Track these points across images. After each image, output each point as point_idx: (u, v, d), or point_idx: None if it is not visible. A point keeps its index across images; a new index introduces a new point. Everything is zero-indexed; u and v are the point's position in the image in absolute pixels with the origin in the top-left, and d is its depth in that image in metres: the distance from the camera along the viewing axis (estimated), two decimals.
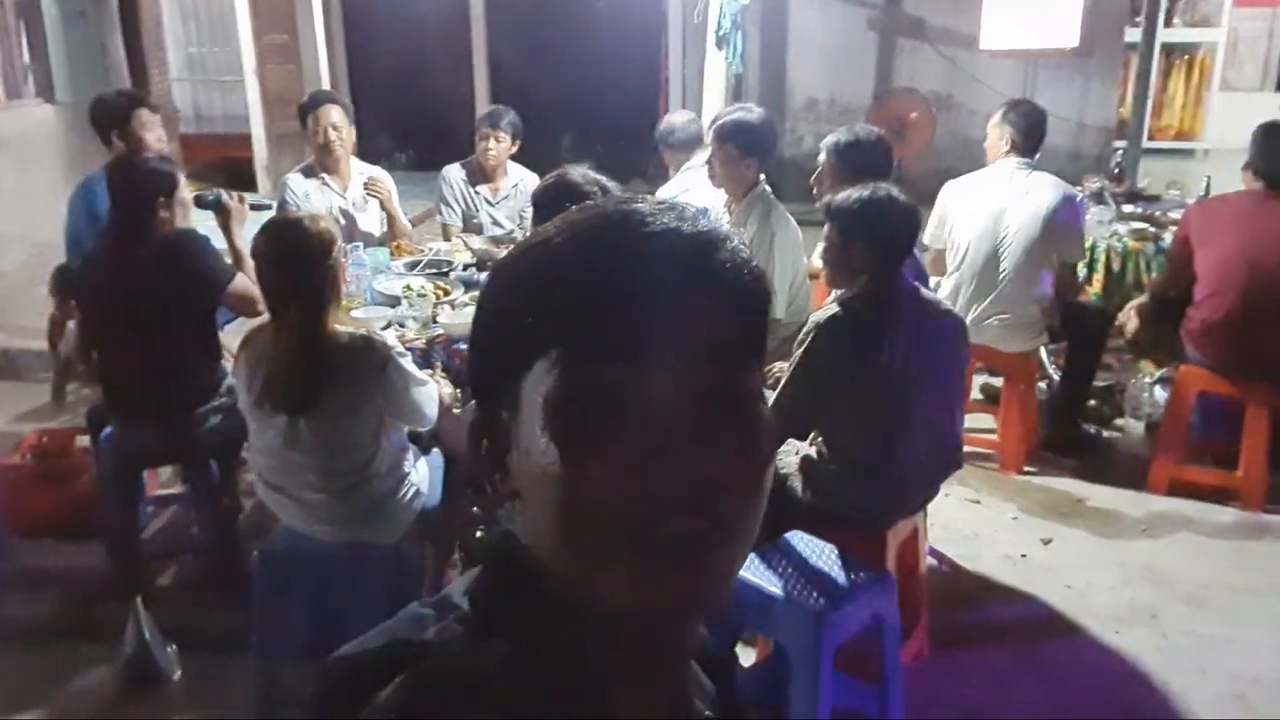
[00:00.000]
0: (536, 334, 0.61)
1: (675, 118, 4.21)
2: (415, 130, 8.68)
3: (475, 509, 3.25)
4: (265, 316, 2.59)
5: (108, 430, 3.10)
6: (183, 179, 3.07)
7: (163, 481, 3.73)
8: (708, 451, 0.58)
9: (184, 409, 3.00)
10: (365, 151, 4.37)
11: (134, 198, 2.97)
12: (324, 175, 4.02)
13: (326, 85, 6.59)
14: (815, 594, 2.31)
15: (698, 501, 0.58)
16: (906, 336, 2.50)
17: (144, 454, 3.10)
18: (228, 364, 3.17)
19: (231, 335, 3.42)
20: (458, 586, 0.69)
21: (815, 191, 3.28)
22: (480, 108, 8.89)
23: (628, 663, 0.64)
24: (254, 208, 3.39)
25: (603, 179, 2.29)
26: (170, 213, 2.97)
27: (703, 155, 3.58)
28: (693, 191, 3.64)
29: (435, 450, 2.88)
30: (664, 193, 3.75)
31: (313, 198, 3.90)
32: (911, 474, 2.58)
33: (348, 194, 4.05)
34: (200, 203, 3.21)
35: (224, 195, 3.27)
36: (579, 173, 2.28)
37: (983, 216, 3.82)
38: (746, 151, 3.27)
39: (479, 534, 3.23)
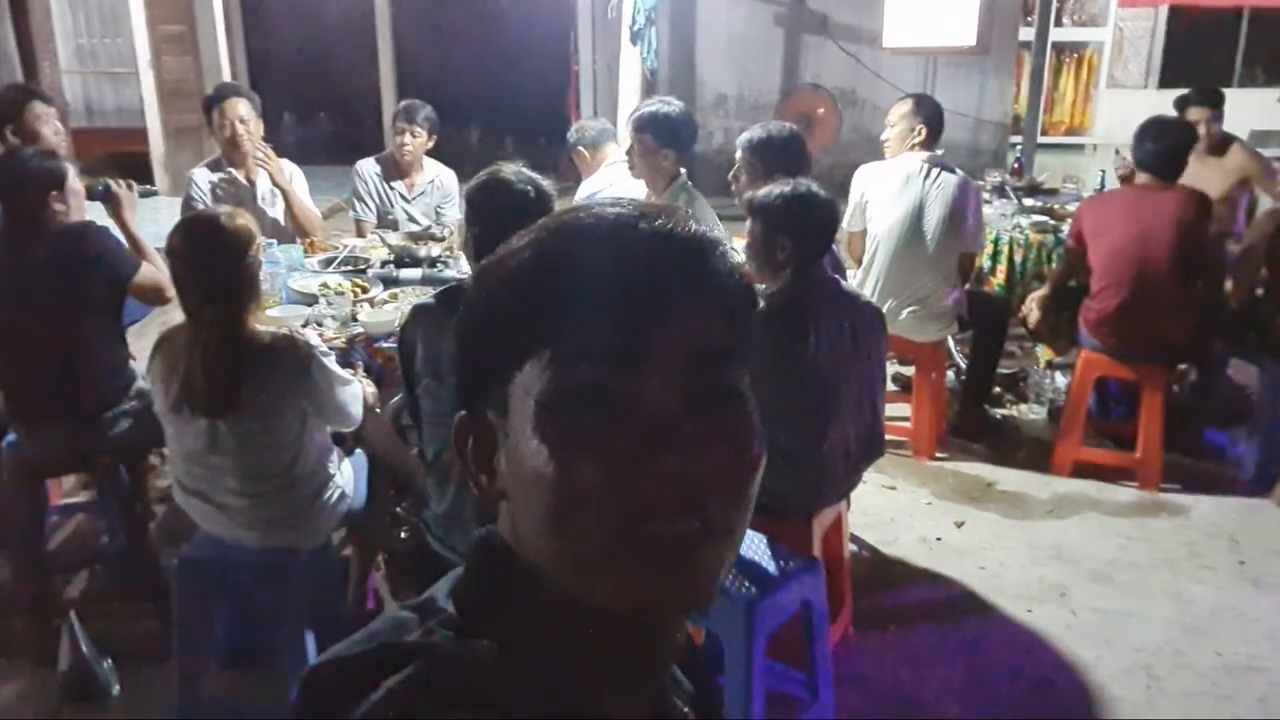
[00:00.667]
0: (528, 335, 0.62)
1: (583, 121, 4.23)
2: (319, 123, 8.49)
3: (399, 510, 3.22)
4: (180, 318, 2.51)
5: (10, 437, 2.96)
6: (72, 169, 2.94)
7: (66, 490, 3.58)
8: (697, 453, 0.59)
9: (91, 412, 2.89)
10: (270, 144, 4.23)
11: (24, 193, 2.84)
12: (231, 169, 3.91)
13: (227, 77, 6.39)
14: (746, 583, 2.35)
15: (687, 503, 0.59)
16: (829, 327, 2.56)
17: (49, 461, 2.96)
18: (136, 366, 3.07)
19: (136, 336, 3.31)
20: (440, 589, 0.68)
21: (733, 188, 3.33)
22: (387, 101, 8.76)
23: (615, 662, 0.65)
24: (143, 195, 3.28)
25: (537, 177, 2.28)
26: (64, 205, 2.86)
27: (622, 150, 3.59)
28: (615, 185, 3.66)
29: (359, 451, 2.83)
30: (588, 187, 3.75)
31: (219, 191, 3.78)
32: (837, 461, 2.64)
33: (257, 188, 3.95)
34: (90, 195, 3.10)
35: (112, 184, 3.16)
36: (512, 170, 2.26)
37: (894, 209, 3.92)
38: (663, 142, 3.30)
39: (403, 535, 3.20)
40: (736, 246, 2.86)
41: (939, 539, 3.55)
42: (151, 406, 2.56)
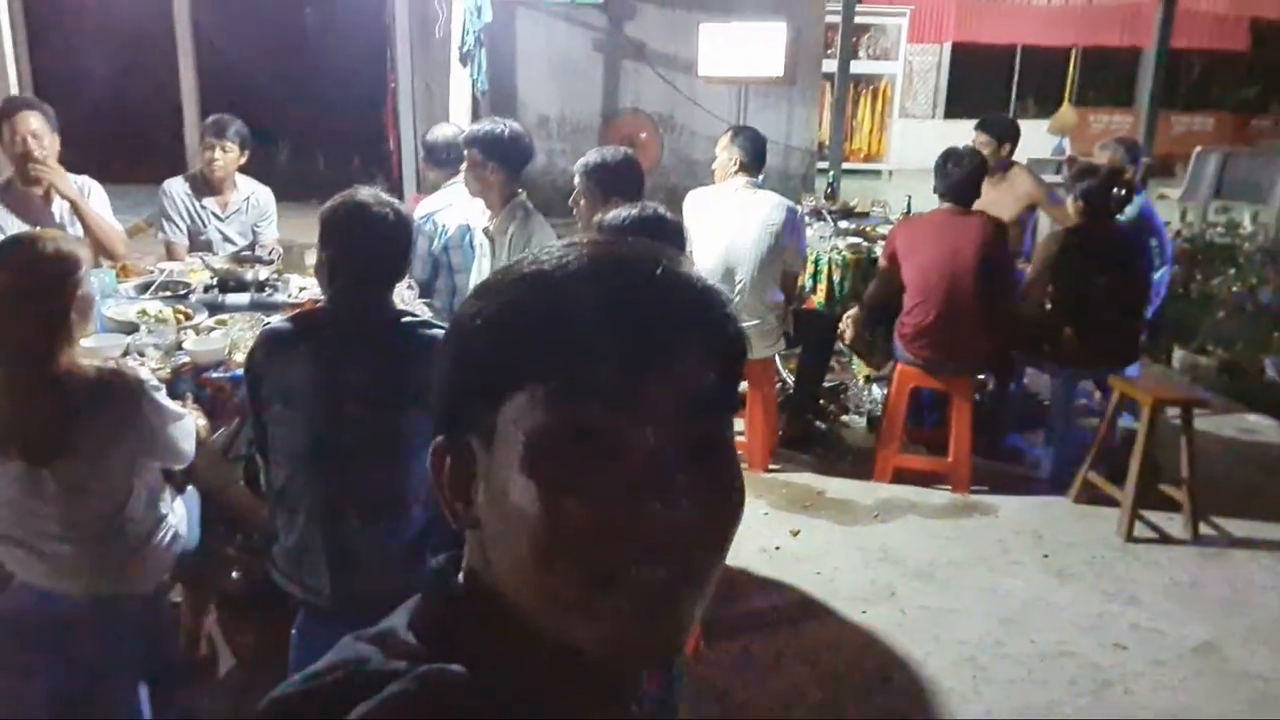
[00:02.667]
0: (523, 365, 0.61)
1: (443, 131, 4.12)
2: (113, 140, 7.96)
3: (231, 550, 3.05)
4: None
5: None
6: None
7: None
8: (685, 503, 0.59)
9: None
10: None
11: None
12: (24, 188, 3.61)
13: (14, 85, 5.89)
14: None
15: (669, 550, 0.59)
16: None
17: None
18: None
19: None
20: (397, 621, 0.66)
21: (574, 213, 3.36)
22: (189, 119, 8.30)
23: (582, 694, 0.65)
24: None
25: (395, 201, 2.22)
26: None
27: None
28: (455, 205, 3.61)
29: (191, 488, 2.67)
30: (426, 206, 3.69)
31: (12, 213, 3.48)
32: None
33: (54, 208, 3.66)
34: None
35: None
36: (369, 193, 2.20)
37: (720, 231, 4.05)
38: (488, 156, 3.30)
39: (234, 575, 3.03)
40: None
41: (777, 548, 3.69)
42: None
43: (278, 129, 8.29)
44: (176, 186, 4.15)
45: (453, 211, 3.57)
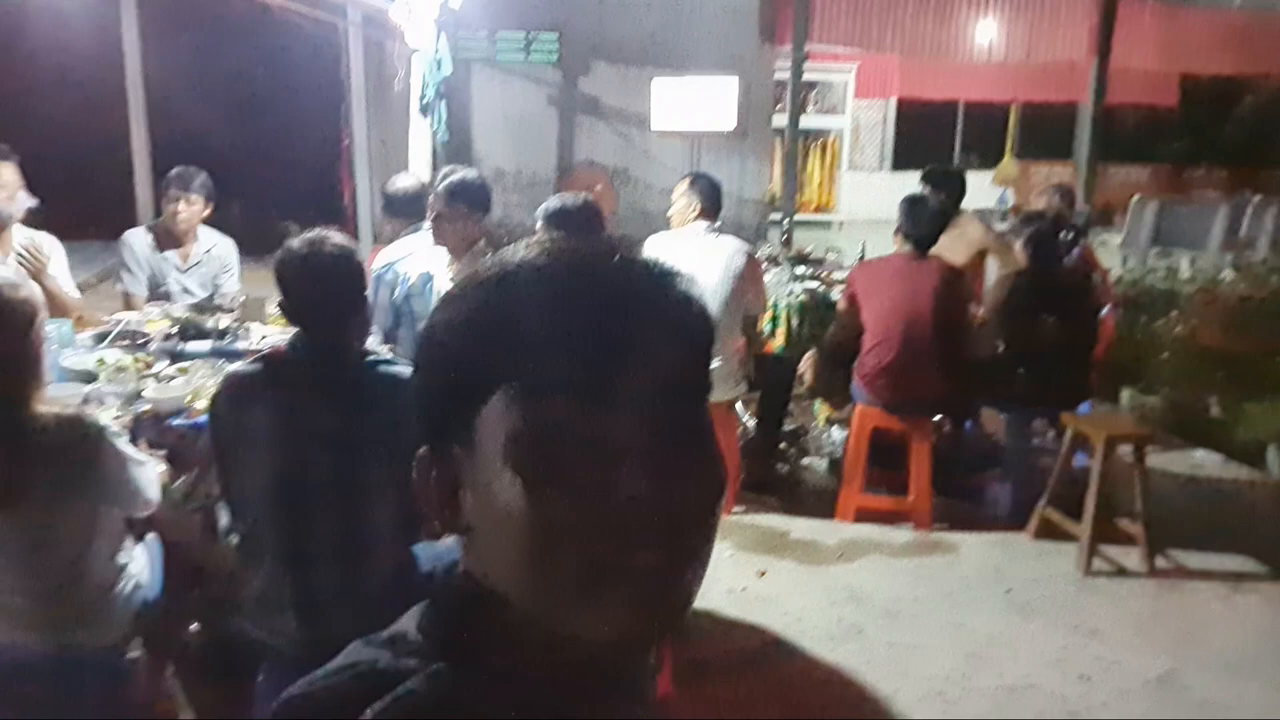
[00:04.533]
0: (496, 367, 0.62)
1: (403, 183, 4.14)
2: (60, 192, 7.86)
3: (191, 601, 2.98)
4: None
5: None
6: None
7: None
8: (668, 485, 0.61)
9: None
10: None
11: None
12: None
13: None
14: None
15: (660, 532, 0.61)
16: None
17: None
18: None
19: None
20: (407, 624, 0.68)
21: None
22: (140, 173, 8.24)
23: (587, 688, 0.65)
24: None
25: (340, 237, 2.24)
26: None
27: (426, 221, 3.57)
28: (415, 254, 3.62)
29: (151, 536, 2.62)
30: (386, 255, 3.70)
31: None
32: None
33: (8, 260, 3.60)
34: None
35: None
36: (317, 234, 2.22)
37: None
38: (474, 207, 3.35)
39: (194, 627, 2.97)
40: None
41: (744, 589, 3.68)
42: None
43: (231, 184, 8.23)
44: (137, 238, 4.12)
45: (413, 260, 3.59)
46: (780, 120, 8.96)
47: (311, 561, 2.13)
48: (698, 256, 4.11)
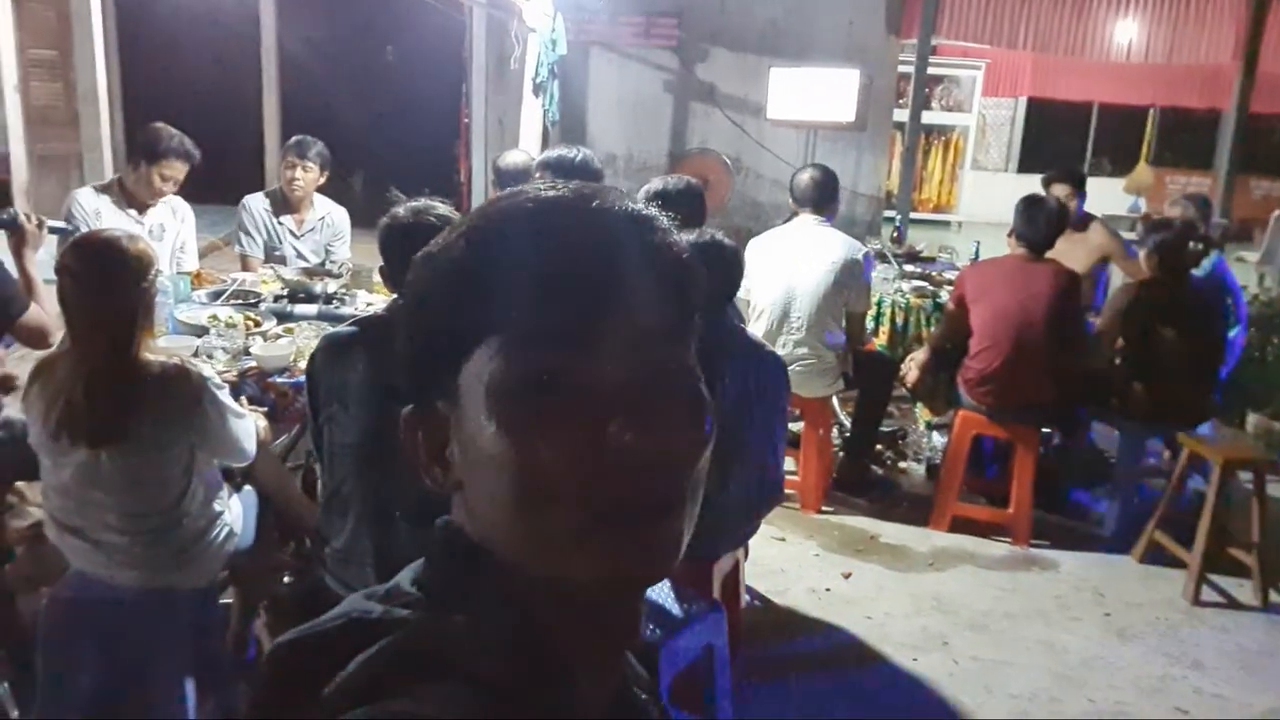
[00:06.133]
0: (476, 322, 0.61)
1: (514, 158, 4.19)
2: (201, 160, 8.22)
3: (285, 555, 3.08)
4: (58, 345, 2.38)
5: None
6: None
7: None
8: (653, 429, 0.59)
9: None
10: None
11: None
12: (125, 202, 3.74)
13: (104, 106, 6.13)
14: (651, 625, 2.34)
15: (646, 478, 0.60)
16: (735, 374, 2.61)
17: None
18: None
19: (19, 360, 3.10)
20: (403, 577, 0.67)
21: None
22: (270, 143, 8.56)
23: (579, 639, 0.65)
24: (53, 231, 3.08)
25: (442, 208, 2.27)
26: None
27: None
28: None
29: (248, 488, 2.71)
30: None
31: (104, 216, 3.61)
32: (739, 507, 2.67)
33: (145, 219, 3.78)
34: None
35: (21, 215, 2.96)
36: (423, 204, 2.25)
37: (782, 267, 4.04)
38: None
39: (286, 580, 3.06)
40: None
41: (828, 589, 3.62)
42: (15, 436, 2.40)
43: (354, 159, 8.50)
44: (256, 202, 4.27)
45: None
46: (901, 115, 8.74)
47: (391, 521, 2.16)
48: (801, 249, 4.05)
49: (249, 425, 2.42)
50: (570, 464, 0.59)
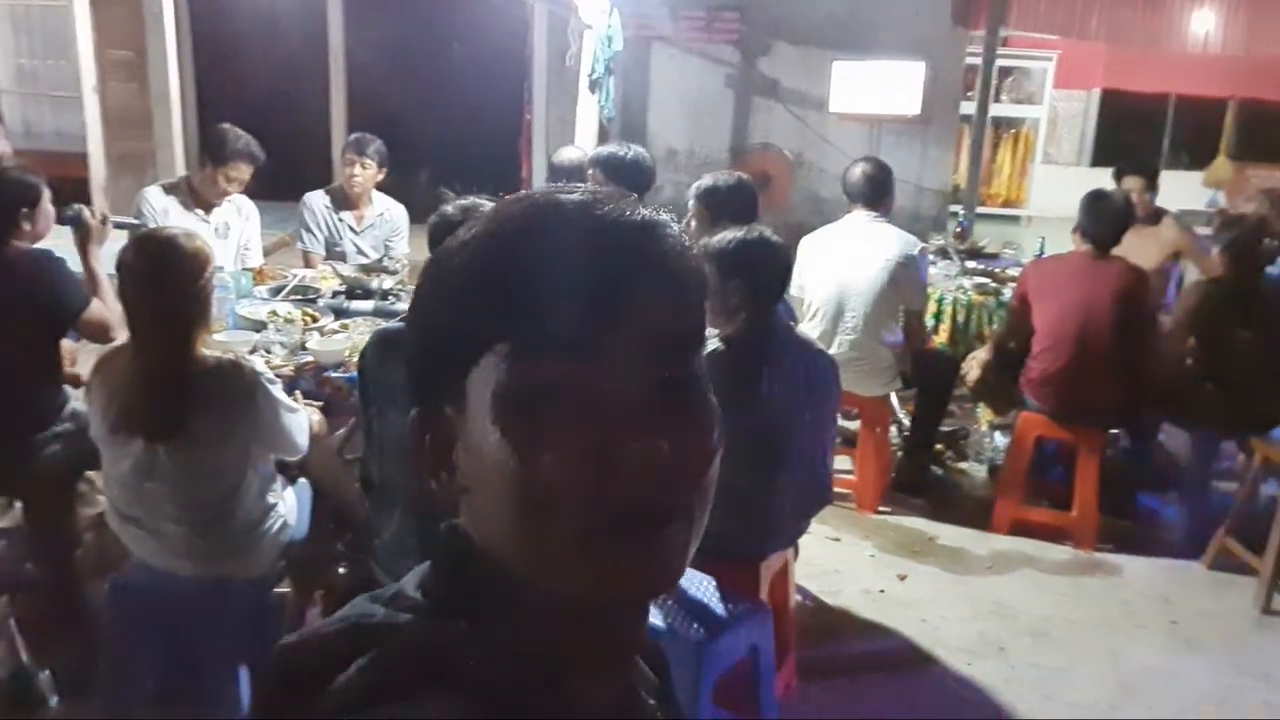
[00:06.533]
0: (483, 328, 0.61)
1: (569, 154, 4.21)
2: (267, 157, 8.41)
3: (340, 546, 3.14)
4: (118, 341, 2.45)
5: None
6: (47, 190, 2.86)
7: None
8: (660, 438, 0.59)
9: (20, 434, 2.78)
10: None
11: None
12: (190, 201, 3.84)
13: (176, 107, 6.30)
14: (695, 625, 2.33)
15: (652, 489, 0.59)
16: (783, 373, 2.58)
17: None
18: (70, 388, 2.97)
19: (90, 354, 3.20)
20: (408, 581, 0.68)
21: (686, 236, 3.37)
22: (337, 139, 8.71)
23: (582, 649, 0.64)
24: (118, 226, 3.18)
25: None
26: (32, 225, 2.77)
27: None
28: None
29: (302, 480, 2.76)
30: None
31: (171, 214, 3.71)
32: (786, 507, 2.64)
33: (211, 217, 3.88)
34: (60, 218, 3.00)
35: (85, 212, 3.05)
36: (471, 202, 2.27)
37: (836, 266, 3.98)
38: (610, 179, 3.36)
39: (341, 571, 3.11)
40: None
41: (882, 591, 3.57)
42: (85, 429, 2.47)
43: (419, 156, 8.60)
44: (316, 199, 4.35)
45: None
46: (969, 108, 8.56)
47: (436, 514, 2.18)
48: (854, 247, 3.99)
49: (302, 420, 2.47)
50: (575, 474, 0.58)
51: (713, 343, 2.62)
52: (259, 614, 2.55)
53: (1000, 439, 4.66)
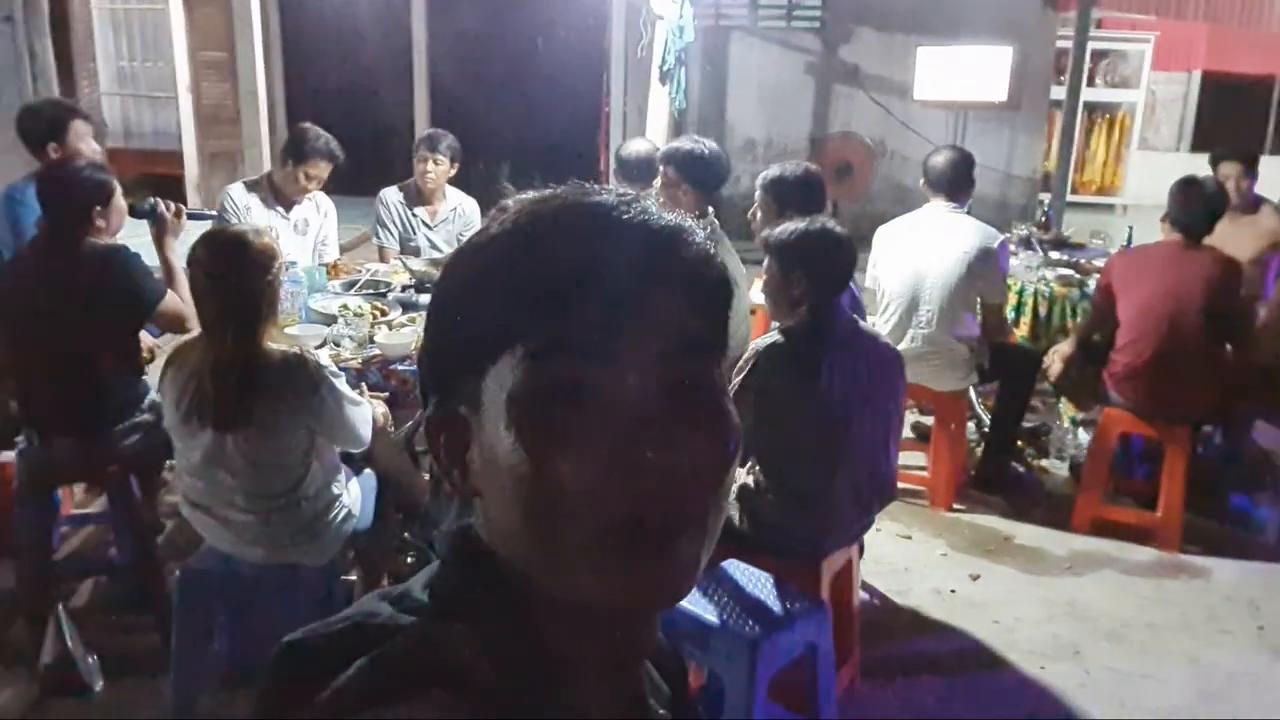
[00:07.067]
0: (500, 330, 0.60)
1: (637, 146, 4.21)
2: (351, 153, 8.59)
3: (406, 535, 3.20)
4: (195, 332, 2.53)
5: (22, 444, 2.97)
6: (119, 186, 2.97)
7: (78, 501, 3.58)
8: (676, 445, 0.58)
9: (102, 425, 2.90)
10: None
11: (69, 205, 2.85)
12: (271, 198, 3.95)
13: (263, 105, 6.50)
14: (750, 621, 2.31)
15: (666, 496, 0.58)
16: (844, 366, 2.54)
17: (59, 469, 2.96)
18: (151, 379, 3.08)
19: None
20: (417, 581, 0.67)
21: (752, 227, 3.34)
22: (420, 132, 8.85)
23: (588, 653, 0.64)
24: (191, 217, 3.28)
25: None
26: (106, 221, 2.87)
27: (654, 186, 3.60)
28: None
29: (368, 471, 2.82)
30: None
31: (253, 211, 3.83)
32: (847, 503, 2.60)
33: (290, 214, 3.99)
34: (135, 212, 3.11)
35: (160, 205, 3.16)
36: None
37: (911, 257, 3.90)
38: (684, 176, 3.32)
39: (409, 560, 3.17)
40: (756, 288, 2.87)
41: (953, 591, 3.48)
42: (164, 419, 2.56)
43: (500, 150, 8.70)
44: (391, 195, 4.43)
45: None
46: (1060, 92, 8.29)
47: None
48: (931, 237, 3.90)
49: (365, 412, 2.52)
50: (587, 479, 0.58)
51: (772, 335, 2.59)
52: (326, 601, 2.61)
53: (1083, 435, 4.51)
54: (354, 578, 2.94)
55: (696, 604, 2.33)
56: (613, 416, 0.58)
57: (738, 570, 2.47)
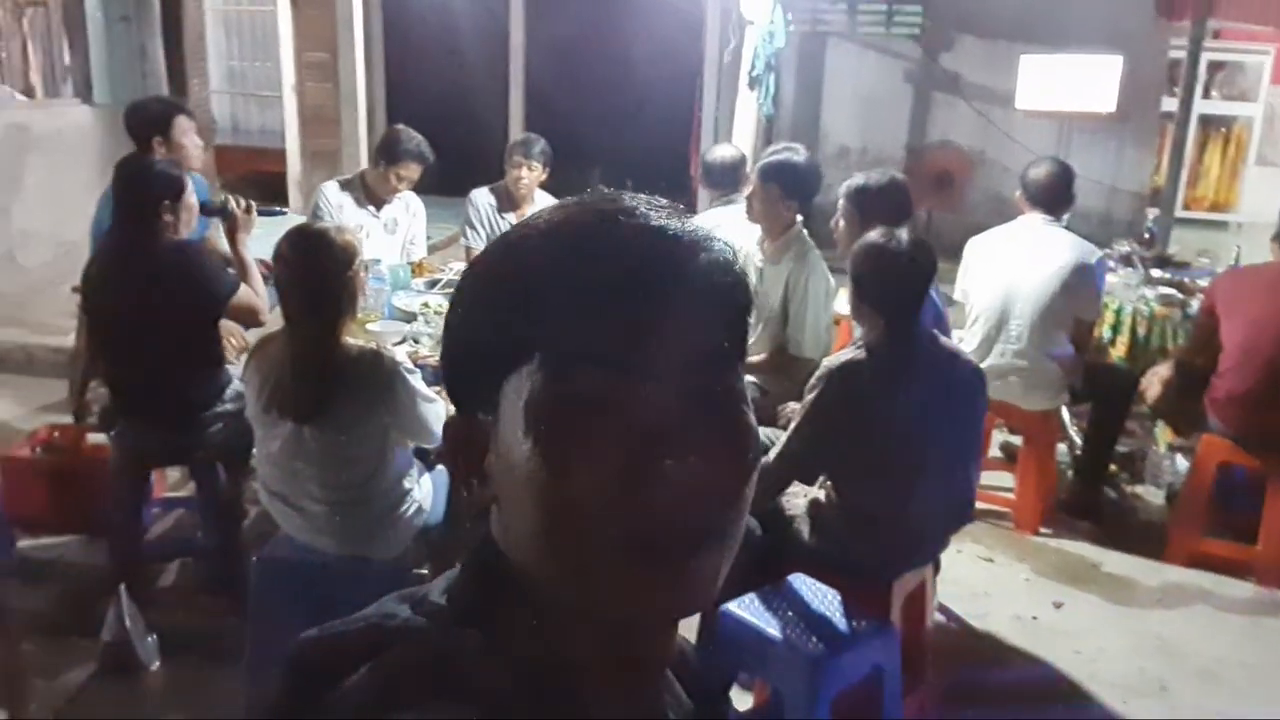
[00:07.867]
0: (519, 337, 0.60)
1: (722, 152, 4.18)
2: (447, 153, 8.74)
3: (478, 531, 3.23)
4: (275, 324, 2.59)
5: (116, 429, 3.09)
6: (189, 183, 3.04)
7: (171, 485, 3.72)
8: (694, 456, 0.57)
9: (185, 413, 2.99)
10: None
11: (138, 199, 2.93)
12: (362, 196, 4.05)
13: (363, 105, 6.66)
14: (814, 639, 2.26)
15: (684, 507, 0.57)
16: (921, 384, 2.47)
17: (147, 454, 3.08)
18: (235, 369, 3.18)
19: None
20: (436, 585, 0.68)
21: (835, 236, 3.29)
22: (514, 135, 8.97)
23: (603, 662, 0.63)
24: (262, 213, 3.36)
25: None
26: (175, 217, 2.94)
27: (741, 193, 3.58)
28: (724, 227, 3.64)
29: (440, 467, 2.85)
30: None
31: (345, 209, 3.93)
32: (921, 525, 2.53)
33: (381, 214, 4.08)
34: (206, 209, 3.20)
35: (231, 202, 3.25)
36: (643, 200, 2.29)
37: (1003, 271, 3.78)
38: (788, 193, 3.30)
39: None
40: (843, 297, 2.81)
41: (1035, 618, 3.36)
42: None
43: (592, 152, 8.76)
44: (482, 197, 4.48)
45: (720, 232, 3.60)
46: (1172, 104, 7.97)
47: None
48: (1025, 252, 3.77)
49: (439, 409, 2.54)
50: (605, 490, 0.57)
51: (848, 352, 2.54)
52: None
53: (1181, 462, 4.31)
54: (426, 571, 2.99)
55: (760, 618, 2.29)
56: (630, 426, 0.57)
57: (804, 585, 2.42)
